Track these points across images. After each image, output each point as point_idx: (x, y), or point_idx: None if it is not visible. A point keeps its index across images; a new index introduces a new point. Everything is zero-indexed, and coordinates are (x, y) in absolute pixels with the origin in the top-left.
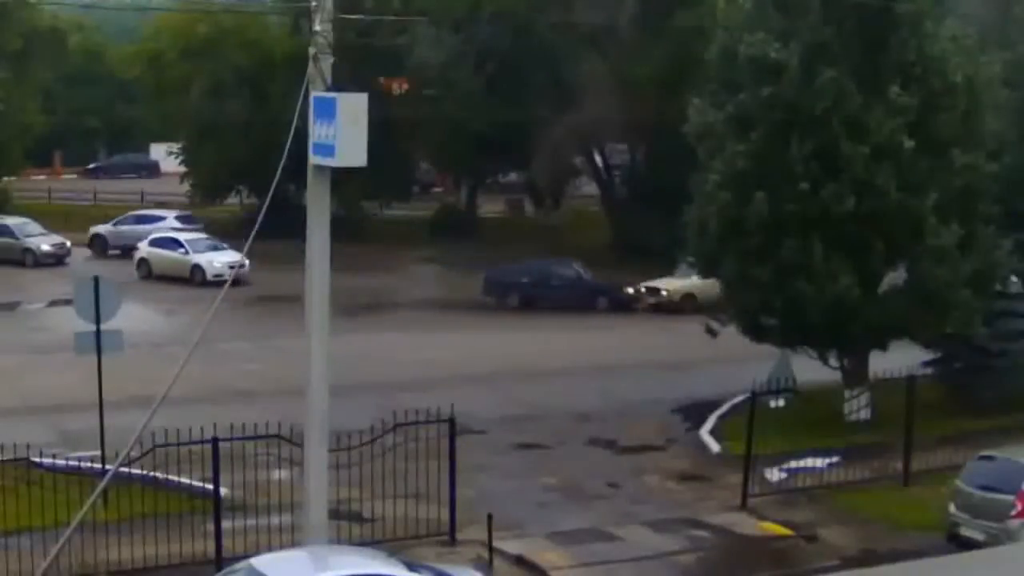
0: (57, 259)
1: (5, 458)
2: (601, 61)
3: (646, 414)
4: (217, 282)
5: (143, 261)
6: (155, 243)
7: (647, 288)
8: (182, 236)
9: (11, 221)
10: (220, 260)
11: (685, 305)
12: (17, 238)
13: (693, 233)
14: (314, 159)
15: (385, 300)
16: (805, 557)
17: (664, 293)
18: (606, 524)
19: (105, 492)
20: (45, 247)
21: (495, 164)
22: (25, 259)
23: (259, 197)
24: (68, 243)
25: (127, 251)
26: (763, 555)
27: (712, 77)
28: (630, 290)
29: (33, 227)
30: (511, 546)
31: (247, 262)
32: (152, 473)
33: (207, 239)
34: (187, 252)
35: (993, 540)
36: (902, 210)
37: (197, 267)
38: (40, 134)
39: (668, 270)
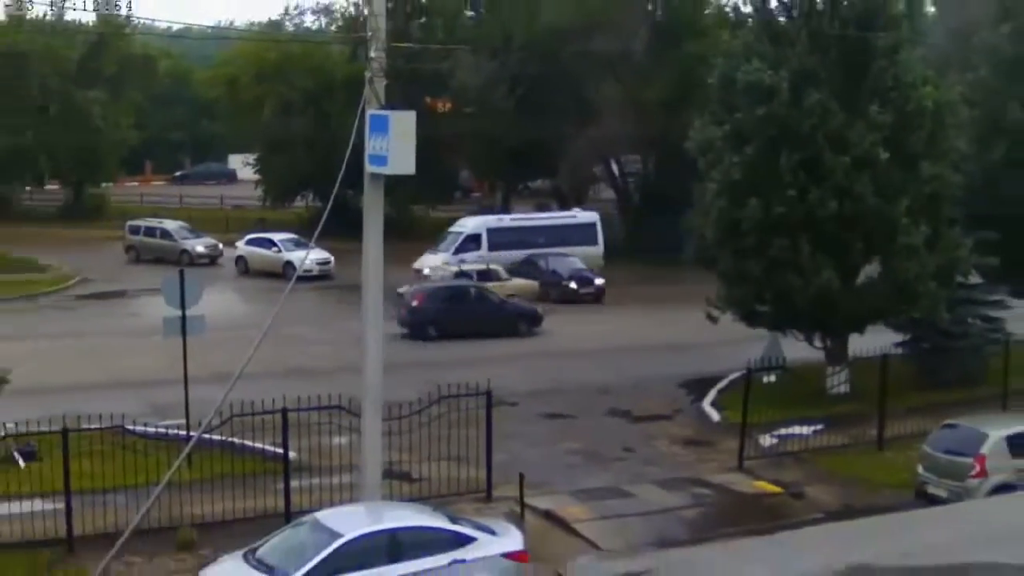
0: (210, 259)
1: (103, 426)
2: (617, 84)
3: (656, 388)
4: (307, 276)
5: (240, 259)
6: (251, 242)
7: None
8: (275, 236)
9: (169, 225)
10: (310, 257)
11: None
12: (175, 240)
13: (695, 234)
14: (369, 168)
15: None
16: (793, 511)
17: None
18: (622, 483)
19: (189, 455)
20: (200, 249)
21: (525, 172)
22: (181, 260)
23: (322, 201)
24: (220, 245)
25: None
26: (757, 510)
27: (713, 99)
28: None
29: (188, 230)
30: (540, 502)
31: (332, 259)
32: (230, 439)
33: (297, 238)
34: (280, 250)
35: (955, 497)
36: (878, 213)
37: (289, 263)
38: (133, 146)
39: (674, 265)
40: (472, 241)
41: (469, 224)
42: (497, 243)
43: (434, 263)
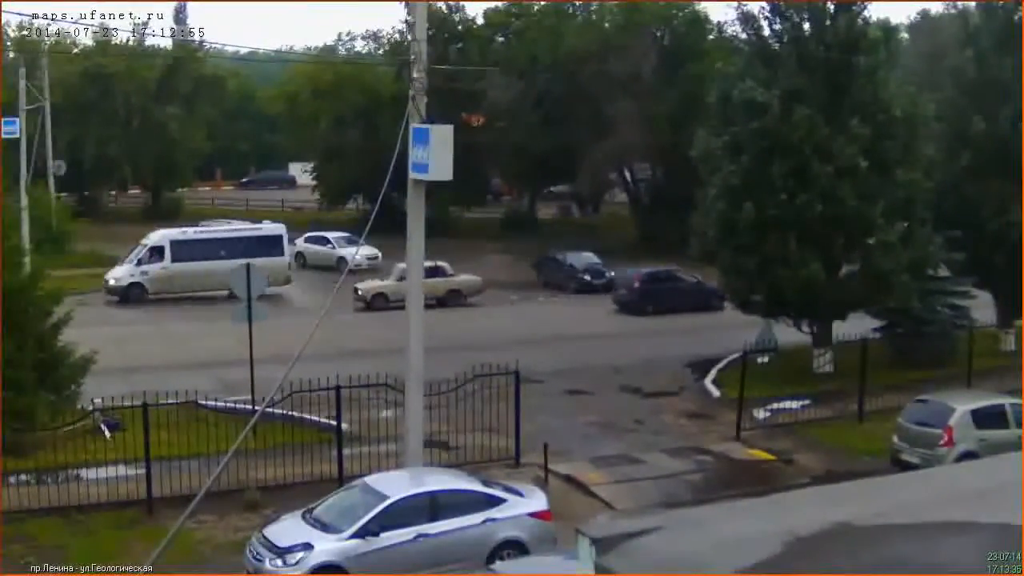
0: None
1: (179, 401)
2: (629, 101)
3: (664, 368)
4: (357, 270)
5: (299, 254)
6: (309, 240)
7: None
8: (329, 234)
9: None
10: (360, 253)
11: (377, 302)
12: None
13: (698, 233)
14: (412, 175)
15: None
16: (784, 476)
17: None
18: (633, 451)
19: (255, 427)
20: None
21: (549, 178)
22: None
23: (371, 203)
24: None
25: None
26: (752, 475)
27: (713, 114)
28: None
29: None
30: (562, 468)
31: (380, 254)
32: (290, 413)
33: (349, 236)
34: (333, 247)
35: (926, 463)
36: (858, 214)
37: (341, 258)
38: (205, 155)
39: (679, 260)
40: (156, 253)
41: (154, 237)
42: (180, 255)
43: (119, 274)
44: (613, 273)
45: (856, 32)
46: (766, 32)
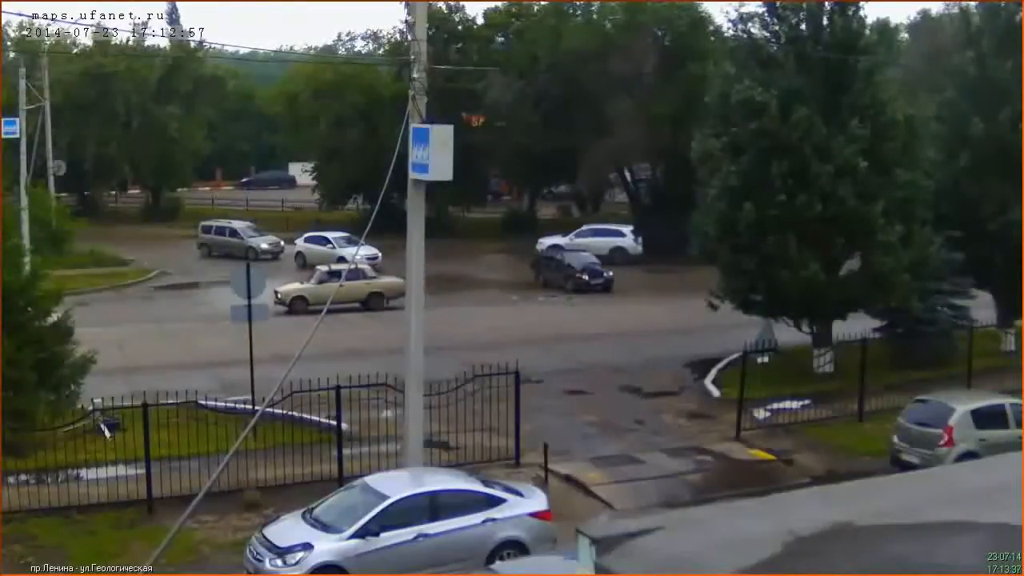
0: (273, 255)
1: (179, 401)
2: (629, 101)
3: (664, 367)
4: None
5: (299, 254)
6: (309, 240)
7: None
8: (329, 234)
9: (237, 224)
10: (360, 253)
11: (297, 306)
12: (241, 238)
13: (698, 233)
14: (412, 175)
15: (466, 281)
16: (784, 476)
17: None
18: (633, 451)
19: (255, 427)
20: (264, 245)
21: (549, 178)
22: (247, 255)
23: (371, 203)
24: (281, 242)
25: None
26: (752, 475)
27: (712, 114)
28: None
29: (254, 229)
30: (562, 467)
31: (380, 254)
32: (290, 412)
33: (349, 236)
34: (333, 247)
35: (925, 463)
36: (858, 214)
37: (342, 258)
38: (205, 156)
39: (679, 260)
40: None
41: None
42: None
43: None
44: (611, 273)
45: (852, 33)
46: (764, 33)
